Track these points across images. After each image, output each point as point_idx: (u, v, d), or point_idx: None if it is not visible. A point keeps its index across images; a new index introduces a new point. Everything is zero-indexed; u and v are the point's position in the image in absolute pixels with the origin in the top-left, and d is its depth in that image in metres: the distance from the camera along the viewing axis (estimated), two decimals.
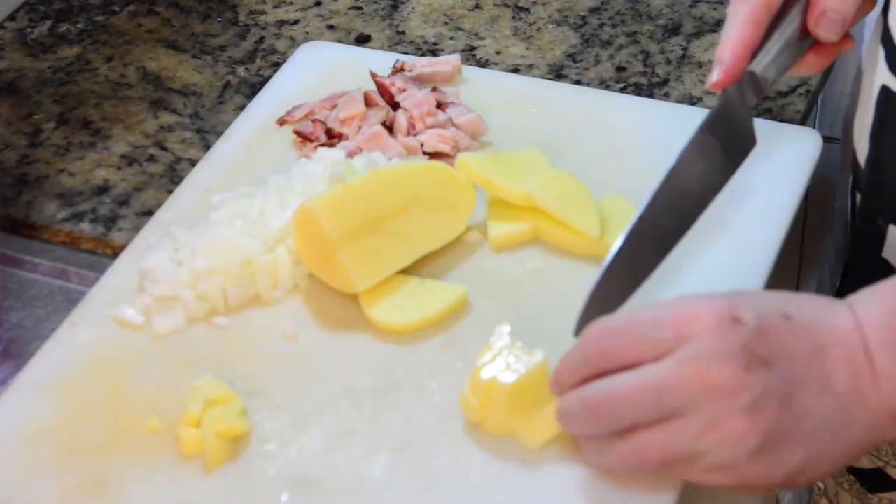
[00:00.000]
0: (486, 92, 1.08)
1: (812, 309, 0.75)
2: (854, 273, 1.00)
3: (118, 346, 0.90)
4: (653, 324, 0.74)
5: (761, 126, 1.03)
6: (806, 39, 0.90)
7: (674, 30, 1.23)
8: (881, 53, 0.90)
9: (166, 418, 0.84)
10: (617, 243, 0.81)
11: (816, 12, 0.89)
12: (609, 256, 0.80)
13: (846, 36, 0.91)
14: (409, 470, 0.81)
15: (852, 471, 1.03)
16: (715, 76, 0.88)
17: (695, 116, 1.04)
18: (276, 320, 0.90)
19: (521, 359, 0.80)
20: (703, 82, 1.17)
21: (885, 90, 0.89)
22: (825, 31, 0.89)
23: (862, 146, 0.93)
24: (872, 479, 1.01)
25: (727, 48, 0.87)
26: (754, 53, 0.88)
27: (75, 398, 0.86)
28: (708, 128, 0.86)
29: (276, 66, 1.21)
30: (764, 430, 0.71)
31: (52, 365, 0.89)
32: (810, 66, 0.92)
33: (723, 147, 0.86)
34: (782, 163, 1.00)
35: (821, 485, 1.08)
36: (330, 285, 0.91)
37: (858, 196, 0.96)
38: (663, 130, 1.03)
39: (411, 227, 0.91)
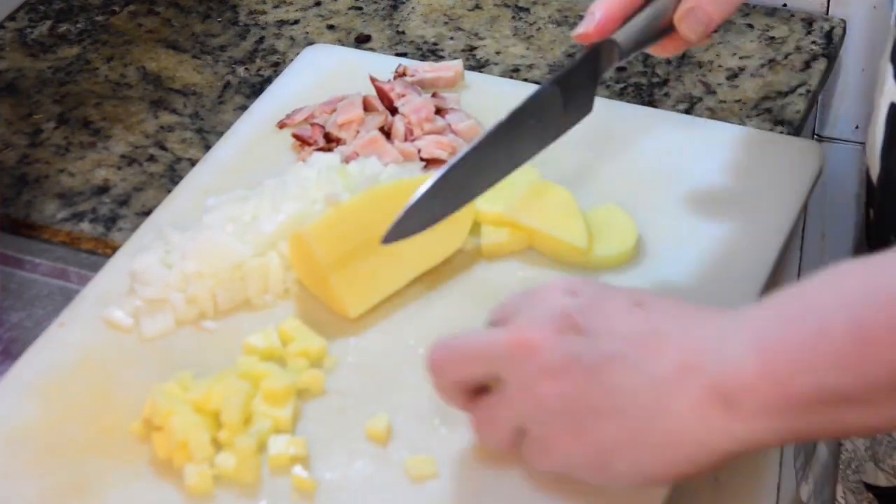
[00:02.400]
0: (488, 98, 1.08)
1: (682, 308, 0.73)
2: None
3: (105, 348, 0.90)
4: (517, 298, 0.77)
5: (764, 137, 1.04)
6: (669, 27, 0.90)
7: None
8: (890, 70, 0.89)
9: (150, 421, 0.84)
10: (447, 164, 0.82)
11: (686, 6, 0.88)
12: (436, 175, 0.82)
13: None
14: (390, 470, 0.81)
15: (870, 489, 1.03)
16: (582, 28, 0.88)
17: (694, 125, 1.05)
18: (266, 325, 0.89)
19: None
20: (703, 82, 1.17)
21: (893, 108, 0.89)
22: (688, 28, 0.89)
23: (874, 164, 0.93)
24: (890, 498, 1.00)
25: (602, 5, 0.88)
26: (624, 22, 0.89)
27: (60, 399, 0.86)
28: (556, 80, 0.87)
29: (276, 66, 1.21)
30: (565, 394, 0.71)
31: (39, 365, 0.89)
32: (663, 50, 0.92)
33: (564, 103, 0.87)
34: (783, 175, 0.99)
35: (842, 500, 1.08)
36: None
37: (872, 212, 0.96)
38: (662, 139, 1.03)
39: (405, 247, 0.91)
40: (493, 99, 1.08)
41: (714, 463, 0.71)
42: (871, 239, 0.96)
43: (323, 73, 1.12)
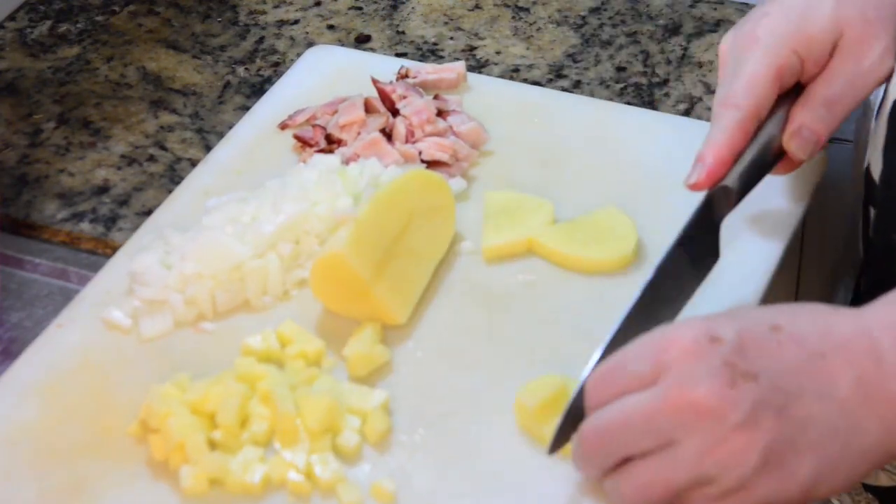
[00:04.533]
0: (490, 100, 1.08)
1: (809, 318, 0.74)
2: (868, 288, 0.99)
3: (104, 349, 0.90)
4: (633, 359, 0.74)
5: None
6: (778, 153, 0.89)
7: (674, 30, 1.23)
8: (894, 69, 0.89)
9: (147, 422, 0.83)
10: (594, 356, 0.79)
11: (792, 127, 0.88)
12: (586, 370, 0.78)
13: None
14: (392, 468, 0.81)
15: (870, 489, 1.02)
16: (695, 177, 0.86)
17: (696, 129, 1.04)
18: (264, 327, 0.89)
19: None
20: (703, 82, 1.17)
21: None
22: (798, 148, 0.88)
23: (876, 162, 0.93)
24: (891, 497, 1.00)
25: (712, 150, 0.86)
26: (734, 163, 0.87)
27: (58, 400, 0.86)
28: (680, 242, 0.85)
29: (276, 66, 1.21)
30: (764, 444, 0.70)
31: (38, 365, 0.89)
32: (781, 170, 0.92)
33: (691, 260, 0.85)
34: (784, 179, 0.99)
35: (837, 503, 1.08)
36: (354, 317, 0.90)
37: (872, 211, 0.95)
38: (665, 142, 1.03)
39: (418, 242, 0.91)
40: (495, 101, 1.08)
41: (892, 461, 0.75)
42: (872, 237, 0.96)
43: (325, 75, 1.12)
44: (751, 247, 0.95)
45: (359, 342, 0.86)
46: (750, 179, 0.88)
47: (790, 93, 0.89)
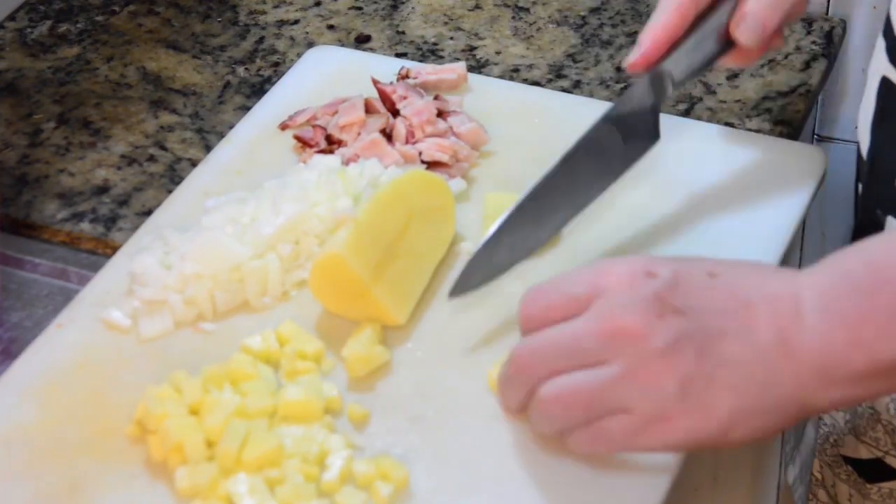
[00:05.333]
0: (491, 101, 1.08)
1: (745, 270, 0.77)
2: None
3: (103, 349, 0.89)
4: (571, 282, 0.77)
5: (769, 143, 1.04)
6: (727, 43, 0.91)
7: None
8: (882, 45, 0.90)
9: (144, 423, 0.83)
10: (504, 215, 0.82)
11: (738, 15, 0.90)
12: (493, 227, 0.81)
13: (777, 36, 0.93)
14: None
15: (850, 461, 1.03)
16: (631, 58, 0.90)
17: (696, 129, 1.05)
18: (264, 327, 0.89)
19: None
20: (703, 82, 1.17)
21: (885, 81, 0.89)
22: (744, 35, 0.90)
23: (863, 137, 0.94)
24: (871, 469, 1.02)
25: (649, 33, 0.89)
26: (673, 47, 0.90)
27: (57, 400, 0.86)
28: (607, 117, 0.87)
29: (276, 66, 1.21)
30: (682, 373, 0.73)
31: (37, 366, 0.89)
32: (735, 61, 0.94)
33: (623, 137, 0.87)
34: (786, 181, 0.99)
35: (818, 475, 1.08)
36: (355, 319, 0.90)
37: (860, 186, 0.96)
38: (664, 143, 1.03)
39: (417, 243, 0.91)
40: (496, 102, 1.08)
41: (810, 416, 0.77)
42: (858, 213, 0.97)
43: (326, 75, 1.12)
44: (751, 248, 0.95)
45: (358, 343, 0.86)
46: (693, 64, 0.90)
47: None
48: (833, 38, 1.23)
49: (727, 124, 1.13)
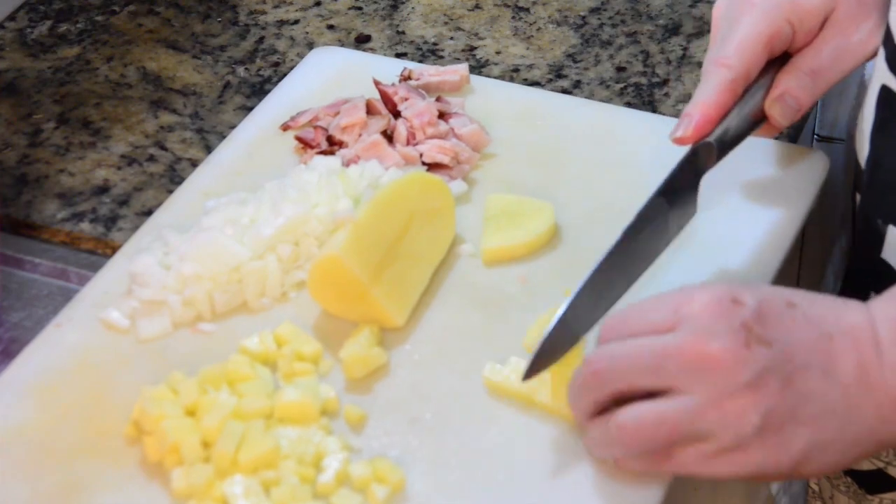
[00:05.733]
0: (493, 102, 1.08)
1: (821, 302, 0.76)
2: (854, 275, 1.00)
3: (102, 349, 0.90)
4: (653, 308, 0.76)
5: (770, 146, 1.03)
6: (761, 118, 0.92)
7: (674, 30, 1.23)
8: (882, 54, 0.90)
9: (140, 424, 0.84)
10: (572, 295, 0.81)
11: (776, 93, 0.91)
12: (562, 307, 0.80)
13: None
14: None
15: (850, 473, 1.03)
16: (681, 131, 0.88)
17: None
18: (263, 328, 0.89)
19: None
20: None
21: (884, 90, 0.89)
22: (779, 113, 0.91)
23: (862, 146, 0.94)
24: (872, 481, 1.01)
25: (700, 107, 0.88)
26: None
27: (55, 400, 0.86)
28: (661, 192, 0.87)
29: (276, 66, 1.21)
30: (766, 407, 0.72)
31: (35, 366, 0.89)
32: (762, 134, 0.94)
33: (671, 210, 0.88)
34: (787, 185, 0.99)
35: (815, 487, 1.08)
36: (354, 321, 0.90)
37: (858, 197, 0.96)
38: (666, 145, 1.03)
39: (417, 244, 0.91)
40: (497, 103, 1.08)
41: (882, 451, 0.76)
42: (858, 223, 0.97)
43: (328, 76, 1.11)
44: (752, 252, 0.95)
45: (355, 344, 0.87)
46: (732, 139, 0.90)
47: (777, 61, 0.92)
48: None
49: None
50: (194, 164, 1.10)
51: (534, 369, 0.80)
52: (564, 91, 1.16)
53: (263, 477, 0.79)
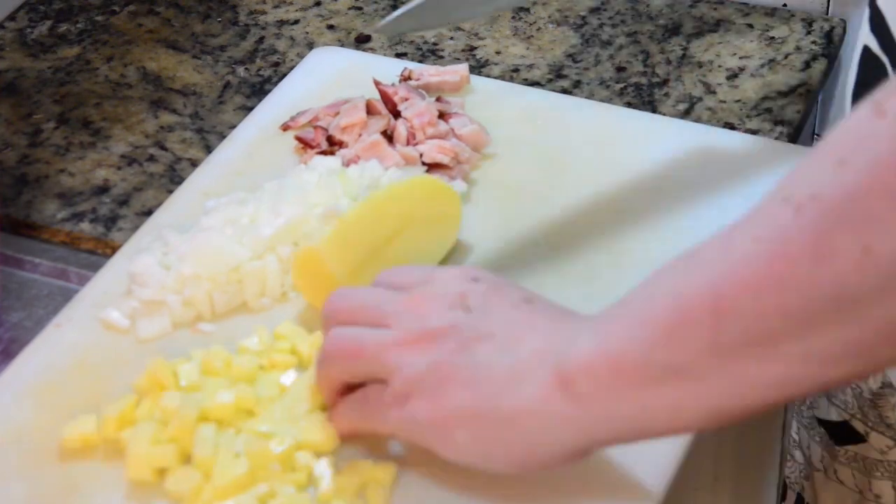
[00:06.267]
0: (493, 102, 1.07)
1: (560, 310, 0.75)
2: None
3: (101, 349, 0.89)
4: (403, 272, 0.81)
5: (769, 146, 1.03)
6: None
7: (674, 30, 1.23)
8: (866, 14, 0.90)
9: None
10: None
11: None
12: None
13: None
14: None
15: (823, 423, 1.04)
16: None
17: (697, 132, 1.05)
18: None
19: None
20: (703, 82, 1.17)
21: (865, 50, 0.90)
22: None
23: (845, 108, 0.94)
24: (840, 432, 1.02)
25: None
26: None
27: (54, 401, 0.86)
28: None
29: (276, 66, 1.21)
30: (433, 358, 0.74)
31: (34, 366, 0.88)
32: None
33: None
34: None
35: (795, 436, 1.09)
36: None
37: None
38: (667, 145, 1.03)
39: (409, 249, 0.91)
40: (497, 103, 1.08)
41: (558, 459, 0.72)
42: None
43: (328, 76, 1.11)
44: None
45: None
46: None
47: None
48: (833, 38, 1.23)
49: (727, 124, 1.13)
50: (194, 164, 1.10)
51: (392, 25, 0.85)
52: (564, 91, 1.16)
53: (257, 493, 0.78)
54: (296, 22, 1.27)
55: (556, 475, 0.80)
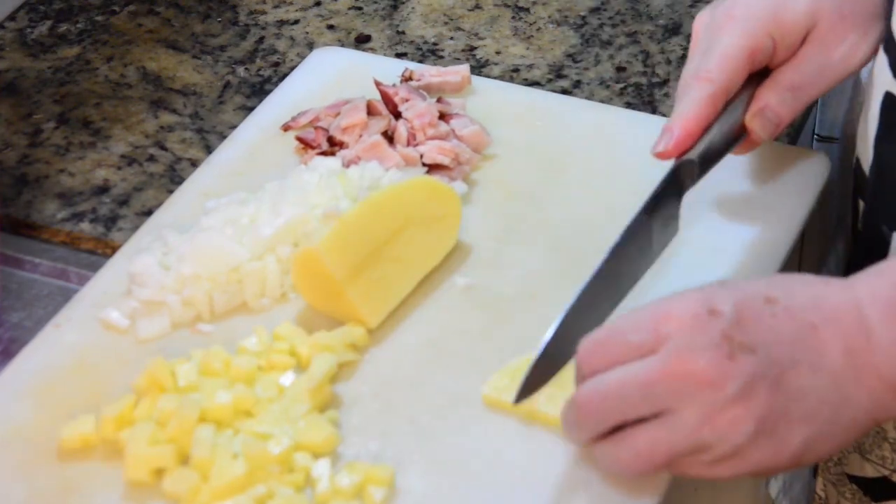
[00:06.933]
0: (494, 103, 1.08)
1: (801, 289, 0.76)
2: None
3: (101, 349, 0.89)
4: (632, 329, 0.75)
5: (770, 147, 1.03)
6: (741, 133, 0.91)
7: (674, 30, 1.23)
8: (884, 60, 0.90)
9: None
10: (557, 321, 0.80)
11: (756, 107, 0.90)
12: (548, 333, 0.80)
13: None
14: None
15: (854, 480, 1.03)
16: (662, 146, 0.88)
17: None
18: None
19: None
20: None
21: (888, 97, 0.89)
22: (760, 127, 0.91)
23: (866, 154, 0.93)
24: (877, 488, 1.01)
25: (681, 121, 0.87)
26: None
27: (53, 400, 0.86)
28: (646, 209, 0.86)
29: (276, 66, 1.21)
30: (759, 414, 0.72)
31: (34, 366, 0.88)
32: (743, 150, 0.93)
33: (655, 229, 0.87)
34: (787, 187, 0.99)
35: (821, 493, 1.08)
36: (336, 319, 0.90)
37: (861, 203, 0.96)
38: None
39: (408, 250, 0.91)
40: (498, 104, 1.08)
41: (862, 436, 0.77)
42: (861, 230, 0.96)
43: (329, 76, 1.11)
44: (751, 255, 0.94)
45: (324, 337, 0.87)
46: (713, 155, 0.89)
47: (756, 75, 0.91)
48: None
49: None
50: (194, 164, 1.10)
51: (525, 393, 0.79)
52: (564, 91, 1.16)
53: (255, 494, 0.78)
54: (296, 22, 1.27)
55: (558, 475, 0.80)
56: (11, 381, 0.88)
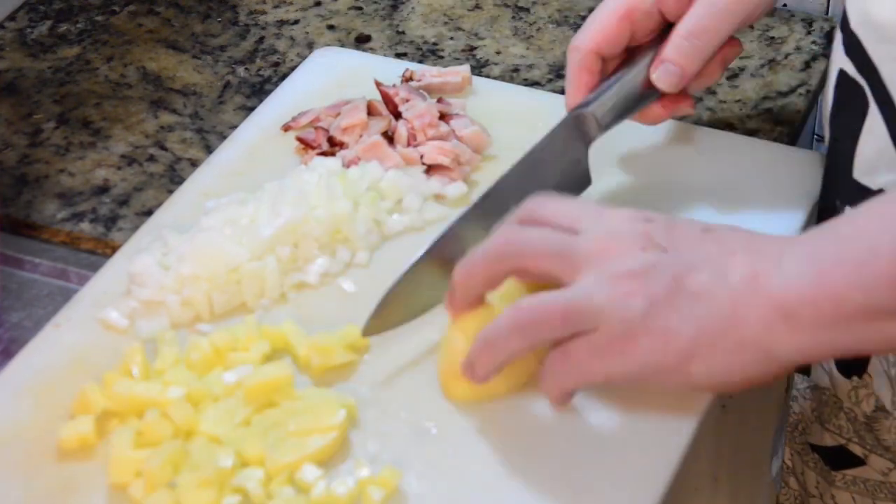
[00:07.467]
0: (494, 104, 1.07)
1: (742, 231, 0.78)
2: None
3: (100, 349, 0.89)
4: (577, 206, 0.81)
5: (769, 149, 1.03)
6: (652, 90, 0.95)
7: None
8: (839, 38, 0.91)
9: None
10: (431, 240, 0.84)
11: (656, 61, 0.94)
12: (416, 256, 0.84)
13: (686, 97, 0.96)
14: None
15: (816, 449, 1.04)
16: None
17: (699, 133, 1.05)
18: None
19: None
20: None
21: (842, 74, 0.91)
22: (661, 80, 0.94)
23: (825, 129, 0.95)
24: (836, 457, 1.02)
25: (567, 98, 0.95)
26: (597, 94, 0.93)
27: (52, 400, 0.86)
28: (540, 146, 0.92)
29: (276, 66, 1.21)
30: (651, 294, 0.74)
31: (33, 365, 0.88)
32: (654, 118, 0.97)
33: (556, 168, 0.92)
34: (787, 187, 0.99)
35: (788, 463, 1.09)
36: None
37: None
38: (666, 147, 1.03)
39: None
40: (498, 105, 1.07)
41: (777, 372, 0.76)
42: (820, 204, 0.97)
43: (329, 77, 1.11)
44: None
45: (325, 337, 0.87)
46: (618, 110, 0.94)
47: (663, 35, 0.94)
48: (833, 38, 1.23)
49: (727, 124, 1.13)
50: (194, 164, 1.10)
51: (376, 326, 0.84)
52: (564, 91, 1.16)
53: (254, 494, 0.78)
54: (296, 22, 1.27)
55: (558, 476, 0.80)
56: (11, 381, 0.88)
